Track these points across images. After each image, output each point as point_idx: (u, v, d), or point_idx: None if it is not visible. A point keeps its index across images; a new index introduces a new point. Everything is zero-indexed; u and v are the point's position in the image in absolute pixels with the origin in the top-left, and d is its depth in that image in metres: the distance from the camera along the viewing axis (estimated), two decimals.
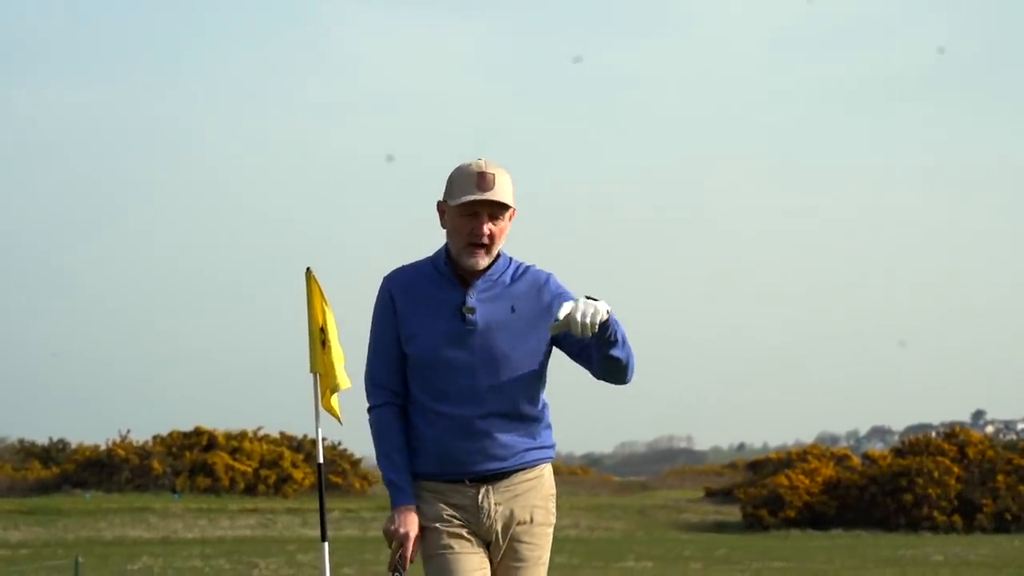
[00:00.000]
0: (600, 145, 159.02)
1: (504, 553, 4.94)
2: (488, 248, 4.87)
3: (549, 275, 4.98)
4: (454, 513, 4.91)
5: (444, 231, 4.96)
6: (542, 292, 4.93)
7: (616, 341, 4.79)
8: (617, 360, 4.84)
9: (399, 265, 5.04)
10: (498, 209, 4.85)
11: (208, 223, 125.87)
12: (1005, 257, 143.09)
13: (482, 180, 4.82)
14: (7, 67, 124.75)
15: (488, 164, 4.87)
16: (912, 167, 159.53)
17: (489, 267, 4.92)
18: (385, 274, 5.02)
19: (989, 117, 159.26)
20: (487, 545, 4.95)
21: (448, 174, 4.93)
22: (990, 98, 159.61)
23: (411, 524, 4.87)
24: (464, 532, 4.90)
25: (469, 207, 4.83)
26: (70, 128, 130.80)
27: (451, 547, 4.88)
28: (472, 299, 4.89)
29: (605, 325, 4.71)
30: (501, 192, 4.83)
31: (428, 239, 4.99)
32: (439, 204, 4.94)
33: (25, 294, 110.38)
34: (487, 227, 4.85)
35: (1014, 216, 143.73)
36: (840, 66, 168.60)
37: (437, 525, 4.89)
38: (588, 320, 4.61)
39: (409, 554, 4.86)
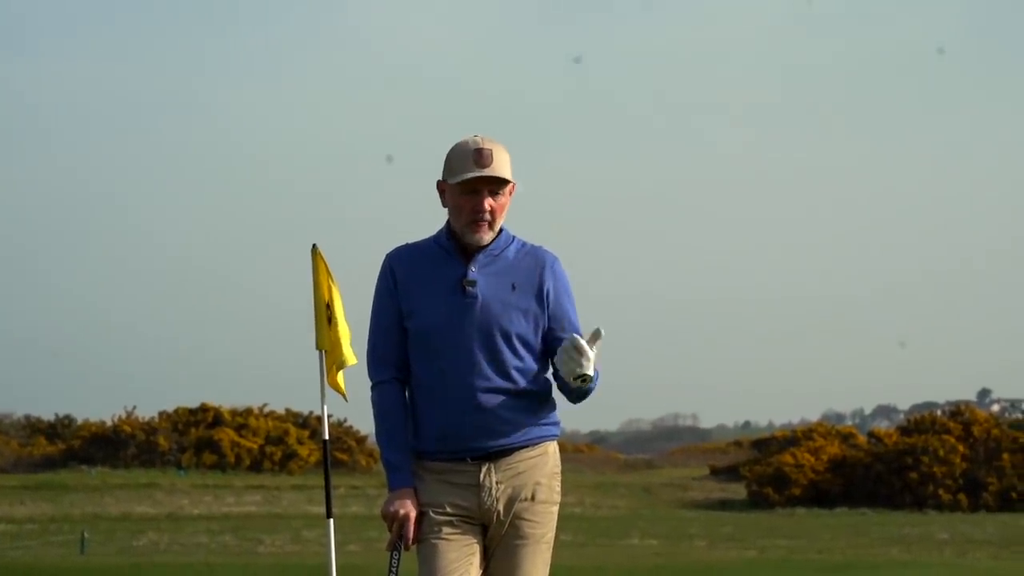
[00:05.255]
0: (614, 119, 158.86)
1: (506, 531, 4.90)
2: (491, 223, 4.86)
3: (555, 259, 4.97)
4: (450, 497, 4.88)
5: (446, 209, 4.95)
6: (543, 273, 4.91)
7: (581, 392, 4.86)
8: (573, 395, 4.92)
9: (402, 243, 5.03)
10: (497, 184, 4.84)
11: (214, 200, 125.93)
12: (1016, 238, 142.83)
13: (480, 156, 4.81)
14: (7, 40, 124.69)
15: (485, 140, 4.86)
16: (921, 149, 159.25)
17: (490, 242, 4.91)
18: (388, 251, 5.01)
19: (996, 105, 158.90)
20: (485, 527, 4.92)
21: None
22: (996, 89, 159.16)
23: (410, 505, 4.85)
24: (455, 518, 4.87)
25: (469, 184, 4.83)
26: (75, 102, 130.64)
27: (439, 533, 4.85)
28: (473, 272, 4.87)
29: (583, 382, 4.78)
30: (499, 167, 4.82)
31: (434, 217, 4.98)
32: (439, 183, 4.94)
33: (31, 269, 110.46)
34: (488, 203, 4.83)
35: None
36: (846, 42, 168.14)
37: (429, 510, 4.87)
38: (577, 369, 4.70)
39: (410, 534, 4.86)
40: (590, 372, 4.71)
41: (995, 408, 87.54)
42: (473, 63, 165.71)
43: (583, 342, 4.69)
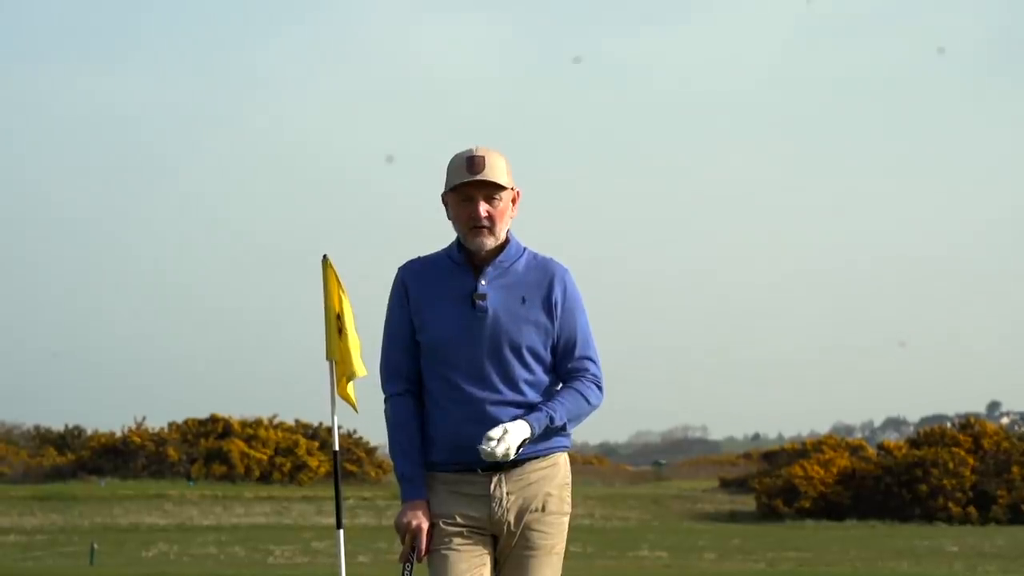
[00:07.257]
0: (619, 134, 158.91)
1: (517, 542, 4.92)
2: (491, 229, 4.89)
3: (566, 271, 4.99)
4: (461, 508, 4.90)
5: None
6: (552, 285, 4.94)
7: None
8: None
9: (415, 256, 5.06)
10: (492, 190, 4.88)
11: (226, 210, 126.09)
12: None
13: (471, 164, 4.87)
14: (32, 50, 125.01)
15: (479, 148, 4.92)
16: (929, 157, 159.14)
17: (499, 253, 4.94)
18: (400, 264, 5.04)
19: (1001, 106, 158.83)
20: (496, 538, 4.94)
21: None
22: (999, 89, 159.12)
23: (422, 517, 4.88)
24: (466, 529, 4.89)
25: (463, 191, 4.88)
26: (85, 111, 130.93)
27: (450, 544, 4.87)
28: (483, 285, 4.90)
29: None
30: (492, 173, 4.87)
31: (445, 227, 5.00)
32: (442, 196, 4.98)
33: (44, 281, 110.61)
34: (483, 208, 4.87)
35: None
36: (850, 57, 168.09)
37: (441, 521, 4.89)
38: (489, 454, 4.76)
39: (424, 546, 4.87)
40: (512, 445, 4.77)
41: (1005, 420, 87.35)
42: (474, 66, 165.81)
43: (490, 449, 4.75)
